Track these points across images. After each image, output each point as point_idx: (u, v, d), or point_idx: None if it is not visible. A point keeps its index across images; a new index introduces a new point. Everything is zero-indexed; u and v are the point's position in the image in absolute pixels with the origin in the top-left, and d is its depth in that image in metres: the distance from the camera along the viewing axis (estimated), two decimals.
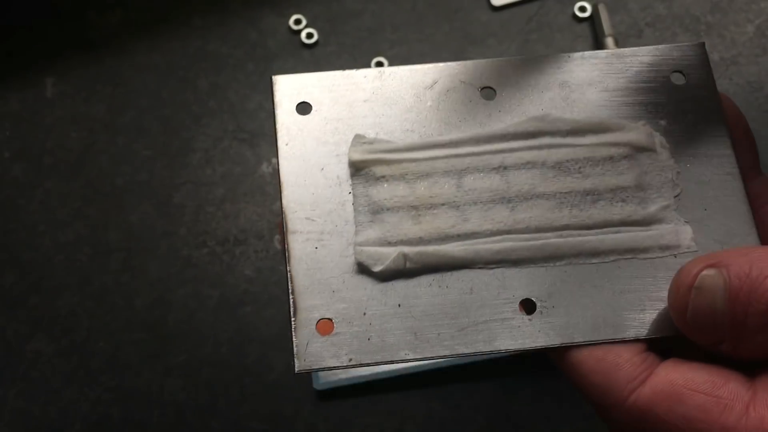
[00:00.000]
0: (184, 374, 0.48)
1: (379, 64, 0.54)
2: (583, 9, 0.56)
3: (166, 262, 0.50)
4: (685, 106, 0.33)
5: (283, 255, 0.30)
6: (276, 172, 0.52)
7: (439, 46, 0.55)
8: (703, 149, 0.32)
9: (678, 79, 0.33)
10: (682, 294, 0.27)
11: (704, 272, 0.26)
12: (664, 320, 0.29)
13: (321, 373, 0.47)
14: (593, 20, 0.56)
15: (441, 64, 0.33)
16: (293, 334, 0.29)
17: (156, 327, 0.49)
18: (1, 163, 0.53)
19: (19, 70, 0.55)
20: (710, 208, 0.31)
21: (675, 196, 0.31)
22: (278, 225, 0.51)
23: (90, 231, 0.51)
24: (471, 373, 0.47)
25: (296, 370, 0.28)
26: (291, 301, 0.29)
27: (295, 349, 0.28)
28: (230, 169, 0.52)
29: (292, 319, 0.29)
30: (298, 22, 0.56)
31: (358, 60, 0.55)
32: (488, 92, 0.33)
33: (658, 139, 0.32)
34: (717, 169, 0.32)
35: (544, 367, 0.47)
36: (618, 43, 0.54)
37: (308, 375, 0.47)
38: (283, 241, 0.30)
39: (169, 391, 0.47)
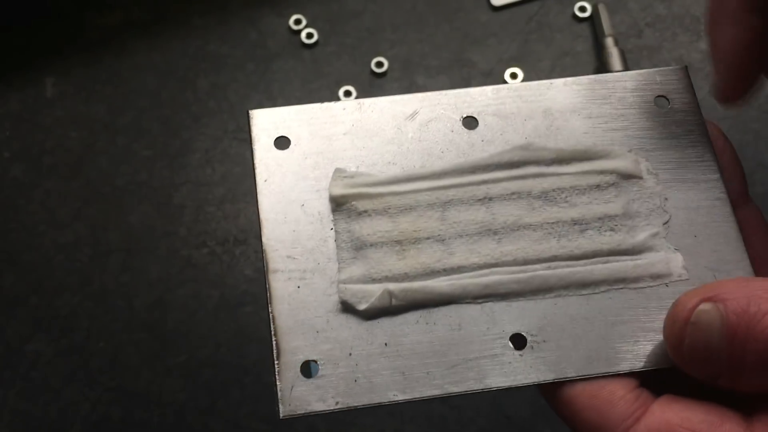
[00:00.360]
0: (184, 374, 0.48)
1: (379, 64, 0.54)
2: (583, 9, 0.56)
3: (166, 263, 0.50)
4: (671, 131, 0.32)
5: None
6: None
7: (439, 46, 0.55)
8: (691, 175, 0.32)
9: (662, 104, 0.33)
10: (678, 328, 0.26)
11: (700, 307, 0.26)
12: (658, 352, 0.29)
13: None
14: (593, 20, 0.56)
15: (420, 95, 0.33)
16: (277, 377, 0.28)
17: (156, 327, 0.49)
18: (0, 163, 0.53)
19: (19, 70, 0.55)
20: (700, 235, 0.31)
21: (664, 224, 0.31)
22: None
23: (90, 231, 0.51)
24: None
25: (281, 415, 0.28)
26: (274, 343, 0.28)
27: (279, 393, 0.28)
28: (230, 169, 0.52)
29: (275, 362, 0.28)
30: (298, 22, 0.56)
31: (358, 60, 0.55)
32: (470, 121, 0.32)
33: (644, 166, 0.32)
34: (705, 195, 0.31)
35: None
36: (618, 43, 0.54)
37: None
38: (265, 281, 0.29)
39: (169, 392, 0.47)
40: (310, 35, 0.55)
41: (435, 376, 0.28)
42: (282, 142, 0.31)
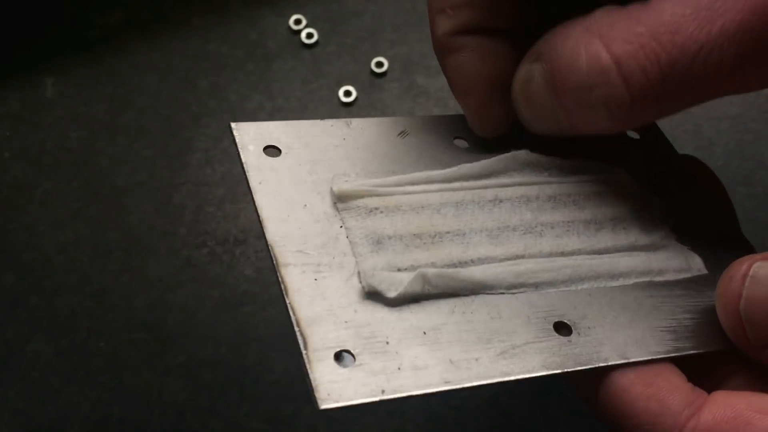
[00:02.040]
0: (184, 374, 0.48)
1: (379, 64, 0.54)
2: None
3: (166, 263, 0.50)
4: (651, 158, 0.33)
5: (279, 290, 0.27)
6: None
7: None
8: (681, 187, 0.32)
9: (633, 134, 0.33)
10: (734, 285, 0.26)
11: (758, 263, 0.25)
12: (708, 336, 0.28)
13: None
14: None
15: (408, 117, 0.32)
16: (308, 369, 0.25)
17: (156, 327, 0.49)
18: (0, 163, 0.53)
19: (18, 70, 0.55)
20: (709, 239, 0.31)
21: (670, 227, 0.31)
22: None
23: (90, 231, 0.51)
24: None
25: (320, 407, 0.24)
26: (298, 333, 0.25)
27: (314, 383, 0.25)
28: (230, 169, 0.52)
29: (303, 352, 0.25)
30: (298, 22, 0.56)
31: (358, 60, 0.55)
32: (461, 142, 0.32)
33: (637, 181, 0.32)
34: (703, 204, 0.32)
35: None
36: None
37: (307, 376, 0.47)
38: (277, 277, 0.27)
39: (169, 392, 0.47)
40: (310, 35, 0.55)
41: (485, 362, 0.26)
42: (272, 151, 0.29)
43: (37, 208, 0.51)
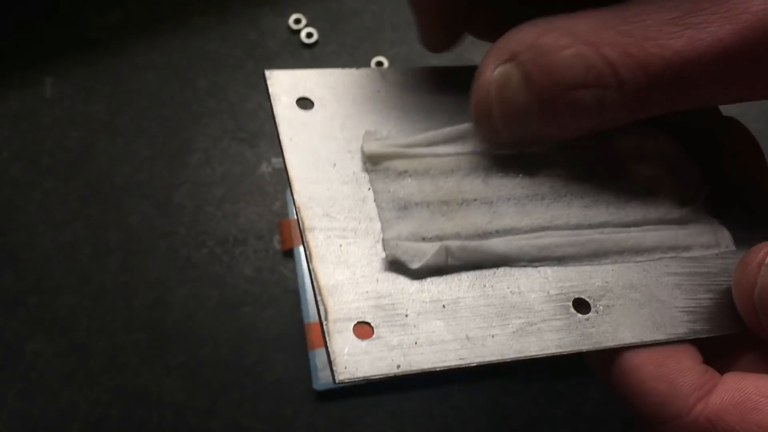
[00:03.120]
0: (184, 375, 0.47)
1: (379, 64, 0.54)
2: None
3: (166, 263, 0.50)
4: (689, 117, 0.32)
5: (302, 254, 0.27)
6: (277, 172, 0.52)
7: None
8: (719, 154, 0.31)
9: None
10: (749, 272, 0.26)
11: None
12: (726, 318, 0.28)
13: (321, 374, 0.47)
14: None
15: (446, 67, 0.31)
16: (327, 340, 0.25)
17: (155, 327, 0.49)
18: None
19: (18, 70, 0.55)
20: (739, 212, 0.30)
21: (703, 198, 0.30)
22: (279, 225, 0.51)
23: (89, 231, 0.51)
24: (471, 374, 0.47)
25: (337, 380, 0.24)
26: (319, 302, 0.25)
27: (332, 355, 0.24)
28: (230, 169, 0.52)
29: (324, 322, 0.25)
30: (297, 21, 0.56)
31: (358, 60, 0.55)
32: None
33: (676, 144, 0.31)
34: (739, 172, 0.31)
35: (544, 367, 0.47)
36: None
37: (308, 376, 0.47)
38: (301, 240, 0.26)
39: (169, 392, 0.47)
40: (309, 35, 0.55)
41: (501, 339, 0.26)
42: (304, 104, 0.29)
43: (36, 208, 0.51)
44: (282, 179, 0.52)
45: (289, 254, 0.50)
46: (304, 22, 0.56)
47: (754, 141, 0.33)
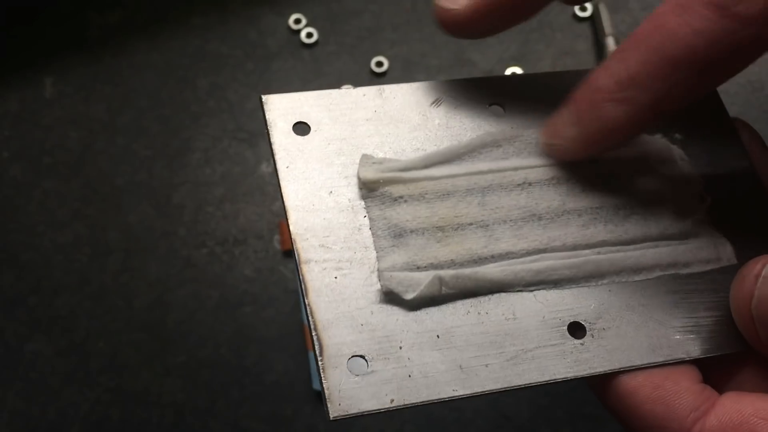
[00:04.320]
0: (184, 375, 0.47)
1: (379, 64, 0.54)
2: (583, 8, 0.56)
3: (166, 263, 0.50)
4: (698, 119, 0.31)
5: (297, 284, 0.26)
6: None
7: (439, 45, 0.55)
8: (724, 162, 0.31)
9: None
10: (747, 284, 0.25)
11: None
12: (724, 336, 0.28)
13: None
14: (594, 20, 0.56)
15: (442, 82, 0.31)
16: (321, 375, 0.25)
17: (155, 327, 0.49)
18: None
19: (18, 70, 0.55)
20: (743, 222, 0.30)
21: (706, 210, 0.30)
22: (279, 225, 0.51)
23: (89, 231, 0.51)
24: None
25: (331, 416, 0.25)
26: (314, 338, 0.25)
27: (326, 392, 0.25)
28: (229, 169, 0.52)
29: (319, 358, 0.25)
30: (297, 21, 0.56)
31: (358, 60, 0.55)
32: (496, 109, 0.31)
33: (677, 152, 0.31)
34: (741, 182, 0.31)
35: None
36: (619, 43, 0.54)
37: (308, 376, 0.47)
38: (297, 272, 0.27)
39: (169, 392, 0.47)
40: (309, 35, 0.55)
41: (494, 369, 0.26)
42: (301, 128, 0.29)
43: (36, 208, 0.51)
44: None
45: (289, 254, 0.50)
46: (304, 22, 0.56)
47: (763, 146, 0.32)
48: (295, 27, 0.56)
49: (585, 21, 0.56)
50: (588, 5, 0.56)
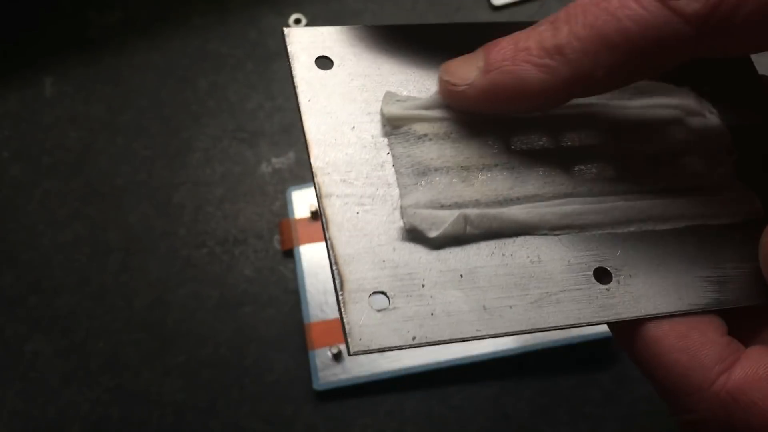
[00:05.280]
0: (184, 374, 0.47)
1: None
2: None
3: (166, 263, 0.50)
4: (725, 73, 0.31)
5: (319, 223, 0.26)
6: (277, 171, 0.52)
7: None
8: (752, 117, 0.30)
9: None
10: None
11: None
12: (751, 289, 0.27)
13: (320, 374, 0.47)
14: None
15: (473, 24, 0.30)
16: (342, 310, 0.24)
17: (155, 327, 0.49)
18: None
19: (18, 70, 0.55)
20: None
21: (733, 163, 0.29)
22: (279, 225, 0.51)
23: (89, 231, 0.51)
24: (471, 374, 0.47)
25: (351, 351, 0.24)
26: (335, 272, 0.25)
27: (347, 326, 0.24)
28: (230, 168, 0.52)
29: (339, 293, 0.24)
30: (297, 21, 0.56)
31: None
32: None
33: (706, 105, 0.30)
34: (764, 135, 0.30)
35: (544, 367, 0.47)
36: None
37: (308, 376, 0.47)
38: (318, 207, 0.26)
39: (169, 392, 0.47)
40: None
41: (518, 310, 0.25)
42: (324, 63, 0.28)
43: (36, 207, 0.51)
44: (282, 179, 0.52)
45: (289, 254, 0.50)
46: (304, 22, 0.56)
47: None
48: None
49: None
50: None
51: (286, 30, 0.28)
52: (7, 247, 0.50)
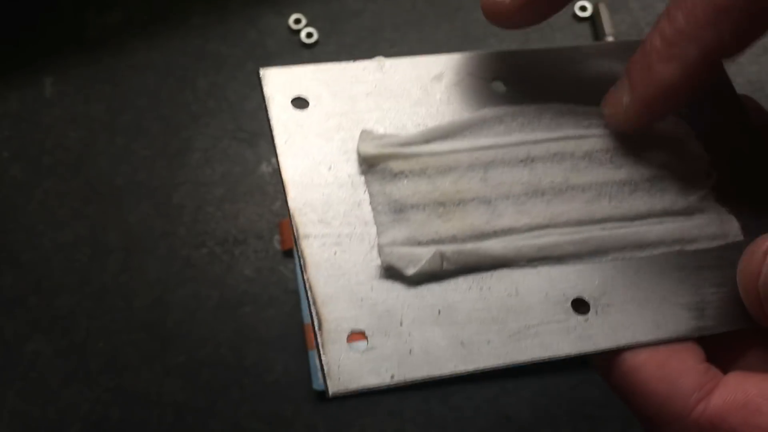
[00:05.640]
0: (184, 375, 0.47)
1: None
2: (583, 8, 0.56)
3: (166, 263, 0.50)
4: (705, 96, 0.31)
5: (296, 261, 0.26)
6: (276, 172, 0.52)
7: (439, 45, 0.55)
8: (730, 139, 0.30)
9: None
10: (755, 261, 0.25)
11: None
12: (731, 312, 0.27)
13: (320, 374, 0.47)
14: (594, 20, 0.56)
15: (444, 56, 0.30)
16: (320, 350, 0.24)
17: (155, 327, 0.49)
18: None
19: (17, 70, 0.55)
20: (751, 198, 0.29)
21: (711, 186, 0.29)
22: (279, 225, 0.51)
23: (89, 231, 0.51)
24: (471, 374, 0.47)
25: (330, 393, 0.24)
26: (313, 313, 0.25)
27: (325, 368, 0.24)
28: (230, 168, 0.52)
29: (317, 332, 0.25)
30: (297, 21, 0.56)
31: (358, 60, 0.55)
32: (498, 84, 0.30)
33: (683, 127, 0.30)
34: (748, 158, 0.30)
35: (544, 367, 0.47)
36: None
37: (308, 376, 0.47)
38: (295, 247, 0.26)
39: (169, 392, 0.47)
40: (309, 35, 0.55)
41: (496, 345, 0.25)
42: (300, 103, 0.28)
43: (36, 207, 0.51)
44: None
45: (289, 254, 0.50)
46: (304, 22, 0.56)
47: None
48: (295, 27, 0.56)
49: (585, 21, 0.56)
50: (588, 5, 0.56)
51: (261, 71, 0.28)
52: (6, 247, 0.50)
